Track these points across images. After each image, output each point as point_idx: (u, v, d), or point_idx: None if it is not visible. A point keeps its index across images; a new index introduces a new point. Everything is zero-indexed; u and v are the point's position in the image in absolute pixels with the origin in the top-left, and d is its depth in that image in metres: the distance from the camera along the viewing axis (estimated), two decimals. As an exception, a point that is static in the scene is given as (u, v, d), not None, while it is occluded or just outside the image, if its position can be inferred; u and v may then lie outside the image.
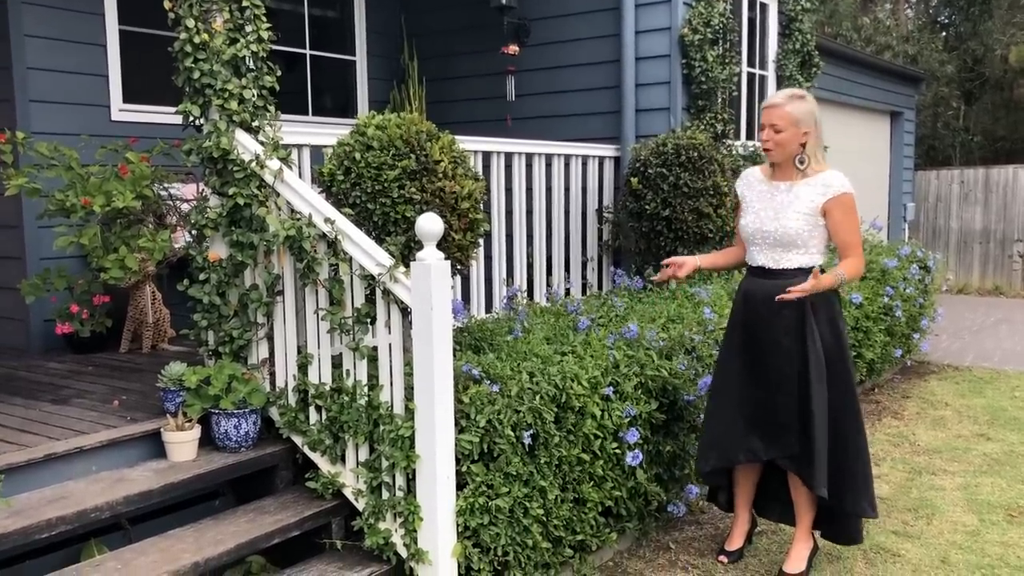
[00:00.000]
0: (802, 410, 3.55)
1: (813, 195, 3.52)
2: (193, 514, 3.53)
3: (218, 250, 3.71)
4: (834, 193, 3.49)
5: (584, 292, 6.08)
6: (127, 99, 5.52)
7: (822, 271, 3.54)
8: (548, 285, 5.60)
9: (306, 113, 6.77)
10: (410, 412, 3.24)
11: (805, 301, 3.52)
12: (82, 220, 3.75)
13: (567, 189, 5.86)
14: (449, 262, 3.19)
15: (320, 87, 7.09)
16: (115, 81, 5.47)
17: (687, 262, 3.85)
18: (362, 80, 7.18)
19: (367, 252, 3.34)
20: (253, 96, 3.69)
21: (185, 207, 4.79)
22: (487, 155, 5.18)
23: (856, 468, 3.61)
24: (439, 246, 3.69)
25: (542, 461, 3.47)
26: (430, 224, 3.13)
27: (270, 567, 3.40)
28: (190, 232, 3.80)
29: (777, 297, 3.45)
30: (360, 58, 7.17)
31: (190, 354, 4.46)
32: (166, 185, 4.89)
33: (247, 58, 3.70)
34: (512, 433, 3.33)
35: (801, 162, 3.56)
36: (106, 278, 3.70)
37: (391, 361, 3.33)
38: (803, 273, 3.51)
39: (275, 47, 6.67)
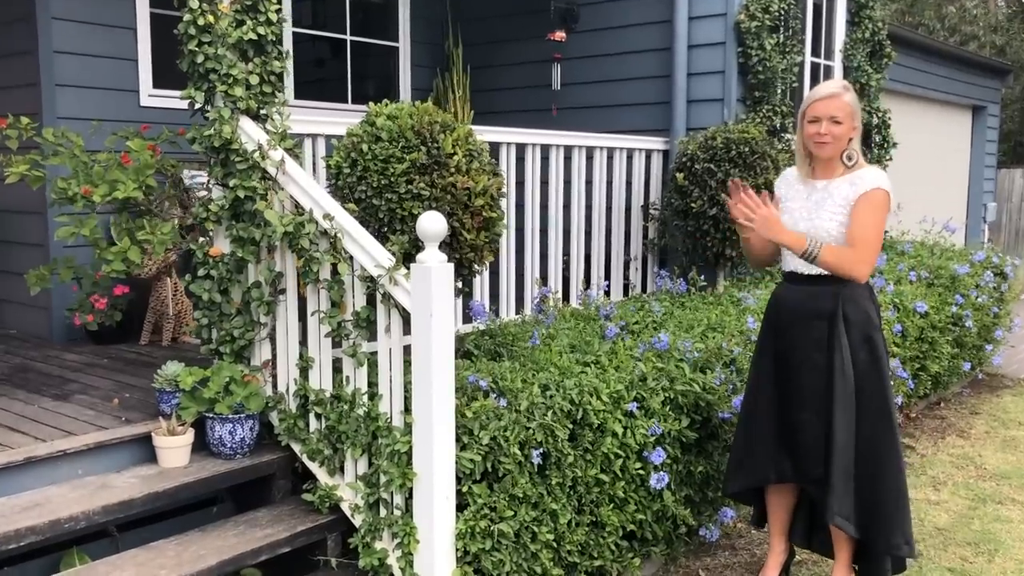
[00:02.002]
0: (826, 432, 3.26)
1: (847, 191, 3.24)
2: (186, 522, 3.35)
3: (220, 245, 3.52)
4: (865, 188, 3.20)
5: (626, 293, 5.75)
6: (157, 83, 5.37)
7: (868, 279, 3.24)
8: (586, 286, 5.29)
9: (345, 101, 6.57)
10: (408, 426, 3.00)
11: (837, 312, 3.24)
12: (85, 210, 3.59)
13: (609, 183, 5.54)
14: (453, 265, 2.93)
15: (361, 74, 6.87)
16: (145, 65, 5.32)
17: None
18: (404, 67, 6.94)
19: (367, 251, 3.10)
20: (260, 82, 3.48)
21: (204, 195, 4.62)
22: (521, 147, 4.91)
23: (889, 501, 3.28)
24: (450, 245, 3.45)
25: (554, 482, 3.20)
26: (431, 223, 2.87)
27: (261, 583, 3.20)
28: (195, 225, 3.62)
29: (729, 183, 3.27)
30: (403, 44, 6.93)
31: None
32: (193, 173, 4.74)
33: (258, 42, 3.49)
34: (519, 452, 3.06)
35: (850, 158, 3.30)
36: (107, 271, 3.53)
37: (391, 369, 3.09)
38: (838, 279, 3.21)
39: (315, 32, 6.55)
